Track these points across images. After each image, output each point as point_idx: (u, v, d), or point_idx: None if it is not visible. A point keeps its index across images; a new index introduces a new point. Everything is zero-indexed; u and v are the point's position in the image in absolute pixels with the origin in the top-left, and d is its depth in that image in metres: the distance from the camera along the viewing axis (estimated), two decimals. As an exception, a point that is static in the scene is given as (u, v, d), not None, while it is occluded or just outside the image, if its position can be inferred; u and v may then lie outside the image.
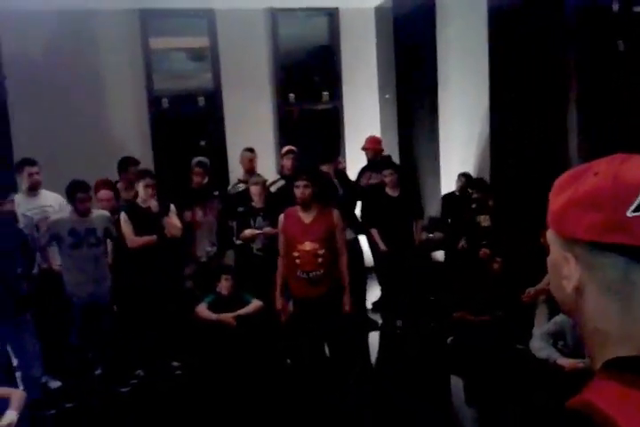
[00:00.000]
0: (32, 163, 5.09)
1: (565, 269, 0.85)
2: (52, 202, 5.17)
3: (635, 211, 0.78)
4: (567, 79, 5.43)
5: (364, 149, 6.62)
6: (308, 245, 4.21)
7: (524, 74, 5.63)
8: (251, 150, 6.27)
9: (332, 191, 5.60)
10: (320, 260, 4.21)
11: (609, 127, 5.16)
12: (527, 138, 5.67)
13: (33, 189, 5.11)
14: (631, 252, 0.79)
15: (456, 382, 5.05)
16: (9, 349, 4.30)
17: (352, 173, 6.73)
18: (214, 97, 7.60)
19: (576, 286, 0.85)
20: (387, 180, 5.89)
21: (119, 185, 5.70)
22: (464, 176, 6.55)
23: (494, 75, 5.91)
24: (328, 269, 4.27)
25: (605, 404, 0.75)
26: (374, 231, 5.85)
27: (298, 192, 4.30)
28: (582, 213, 0.81)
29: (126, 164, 5.64)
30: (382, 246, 5.76)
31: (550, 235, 0.88)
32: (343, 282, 4.36)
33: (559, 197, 0.86)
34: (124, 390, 4.77)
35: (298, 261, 4.24)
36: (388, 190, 5.90)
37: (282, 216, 4.44)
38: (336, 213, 4.38)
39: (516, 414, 3.94)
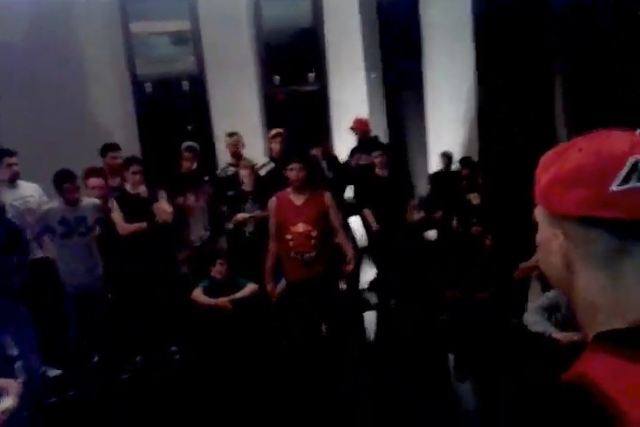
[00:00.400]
0: (11, 153, 5.02)
1: (554, 245, 0.86)
2: (33, 192, 5.12)
3: (619, 185, 0.79)
4: (552, 57, 5.42)
5: (352, 128, 6.63)
6: (300, 227, 4.24)
7: (509, 49, 5.62)
8: (234, 134, 6.19)
9: (319, 174, 5.61)
10: (313, 241, 4.25)
11: (594, 98, 5.17)
12: (514, 114, 5.69)
13: (12, 180, 5.06)
14: (618, 225, 0.80)
15: (451, 359, 5.11)
16: (7, 340, 4.30)
17: (341, 154, 6.72)
18: (198, 81, 7.54)
19: (566, 261, 0.86)
20: (376, 160, 5.91)
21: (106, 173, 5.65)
22: (445, 156, 6.61)
23: (480, 52, 5.90)
24: (321, 250, 4.30)
25: (598, 376, 0.77)
26: (367, 211, 5.88)
27: (292, 175, 4.31)
28: (568, 189, 0.82)
29: (105, 150, 5.58)
30: (374, 226, 5.80)
31: (538, 212, 0.90)
32: (347, 252, 4.42)
33: (545, 174, 0.87)
34: (123, 377, 4.80)
35: (291, 243, 4.27)
36: (378, 171, 5.93)
37: (272, 200, 4.45)
38: (327, 195, 4.42)
39: (511, 389, 3.99)
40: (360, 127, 6.62)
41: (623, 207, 0.79)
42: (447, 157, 6.74)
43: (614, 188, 0.79)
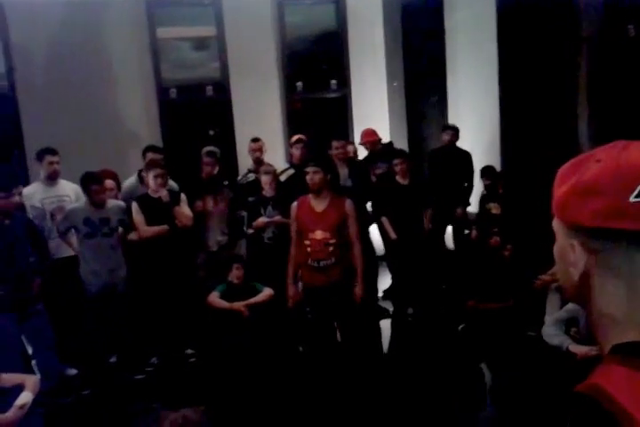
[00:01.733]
0: (53, 152, 5.14)
1: (571, 256, 0.86)
2: (70, 192, 5.20)
3: (637, 196, 0.78)
4: (577, 64, 5.39)
5: (361, 144, 6.58)
6: (319, 234, 4.19)
7: (533, 60, 5.59)
8: (257, 140, 6.26)
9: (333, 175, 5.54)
10: (331, 249, 4.19)
11: (620, 113, 5.11)
12: (537, 124, 5.64)
13: (51, 179, 5.15)
14: (636, 237, 0.79)
15: (467, 370, 5.07)
16: (23, 337, 4.35)
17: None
18: (222, 86, 7.60)
19: (582, 272, 0.85)
20: (397, 169, 5.84)
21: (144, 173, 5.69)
22: (451, 129, 6.44)
23: (503, 61, 5.87)
24: (339, 258, 4.25)
25: (612, 388, 0.76)
26: (384, 220, 5.84)
27: (308, 178, 4.29)
28: (586, 201, 0.82)
29: (145, 151, 5.67)
30: (392, 235, 5.76)
31: (556, 223, 0.90)
32: (357, 271, 4.34)
33: (563, 185, 0.87)
34: (138, 377, 4.83)
35: (309, 249, 4.23)
36: (399, 179, 5.87)
37: (294, 204, 4.42)
38: (349, 202, 4.34)
39: (526, 400, 3.95)
40: (369, 139, 6.50)
41: None
42: (453, 131, 6.43)
43: (632, 199, 0.79)
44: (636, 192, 0.79)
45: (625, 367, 0.78)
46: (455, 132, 6.46)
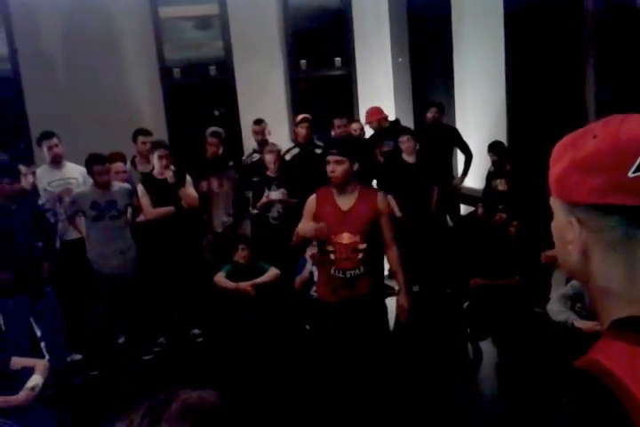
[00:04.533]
0: (49, 136, 5.13)
1: (570, 233, 0.85)
2: (77, 175, 5.21)
3: (635, 171, 0.77)
4: (584, 40, 5.30)
5: (367, 122, 6.50)
6: (346, 238, 3.44)
7: (539, 36, 5.51)
8: (259, 122, 6.20)
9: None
10: (360, 255, 3.45)
11: (627, 89, 5.04)
12: (543, 101, 5.58)
13: (56, 162, 5.15)
14: (634, 212, 0.79)
15: (473, 347, 5.10)
16: (32, 320, 4.40)
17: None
18: (225, 66, 7.53)
19: (581, 249, 0.85)
20: (403, 146, 5.75)
21: (137, 159, 5.72)
22: (435, 106, 6.38)
23: (509, 37, 5.78)
24: (369, 267, 3.51)
25: (610, 362, 0.77)
26: (390, 198, 5.75)
27: (328, 170, 3.44)
28: (584, 177, 0.81)
29: (135, 135, 5.65)
30: (398, 213, 5.71)
31: (553, 201, 0.89)
32: (398, 278, 3.72)
33: (559, 162, 0.86)
34: (146, 358, 4.89)
35: (332, 256, 3.47)
36: (405, 156, 5.79)
37: (312, 198, 3.61)
38: (381, 197, 3.57)
39: (532, 376, 3.97)
40: (375, 117, 6.39)
41: None
42: (437, 107, 6.31)
43: (631, 174, 0.78)
44: (634, 167, 0.78)
45: (624, 342, 0.79)
46: (439, 109, 6.35)
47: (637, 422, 0.71)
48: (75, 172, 5.22)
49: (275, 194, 5.45)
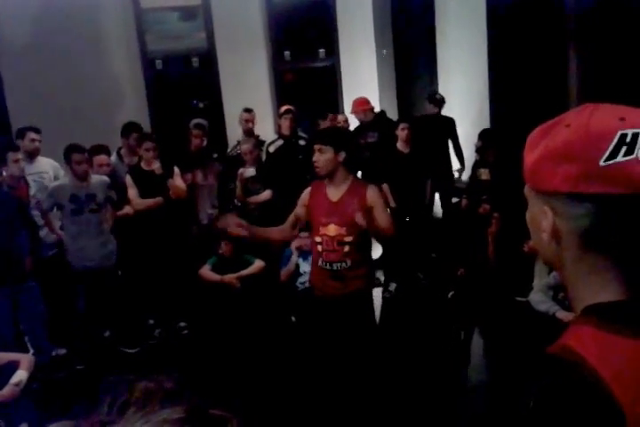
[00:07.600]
0: (36, 130, 5.12)
1: (544, 222, 0.86)
2: (48, 168, 5.18)
3: (607, 160, 0.78)
4: (566, 28, 5.32)
5: (352, 112, 6.48)
6: (332, 230, 3.37)
7: (521, 26, 5.52)
8: (248, 111, 6.24)
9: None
10: (347, 248, 3.36)
11: (609, 77, 5.08)
12: (526, 91, 5.60)
13: (31, 156, 5.11)
14: (607, 200, 0.79)
15: (457, 337, 5.13)
16: (16, 314, 4.36)
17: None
18: (209, 57, 7.49)
19: (555, 238, 0.86)
20: (400, 134, 5.59)
21: (122, 151, 5.67)
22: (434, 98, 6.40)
23: (492, 28, 5.79)
24: (358, 261, 3.42)
25: (581, 347, 0.78)
26: (385, 187, 5.48)
27: (313, 160, 3.42)
28: (556, 166, 0.82)
29: (129, 129, 5.61)
30: (392, 203, 5.51)
31: (527, 190, 0.90)
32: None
33: (533, 151, 0.86)
34: (131, 351, 4.87)
35: (319, 247, 3.43)
36: (400, 146, 5.64)
37: (307, 190, 3.60)
38: (371, 189, 3.46)
39: (506, 364, 4.01)
40: (361, 108, 6.35)
41: (611, 182, 0.78)
42: (437, 100, 6.34)
43: (602, 163, 0.78)
44: (605, 156, 0.79)
45: (595, 328, 0.80)
46: (442, 101, 6.37)
47: (606, 404, 0.73)
48: (46, 166, 5.19)
49: (249, 171, 5.46)
